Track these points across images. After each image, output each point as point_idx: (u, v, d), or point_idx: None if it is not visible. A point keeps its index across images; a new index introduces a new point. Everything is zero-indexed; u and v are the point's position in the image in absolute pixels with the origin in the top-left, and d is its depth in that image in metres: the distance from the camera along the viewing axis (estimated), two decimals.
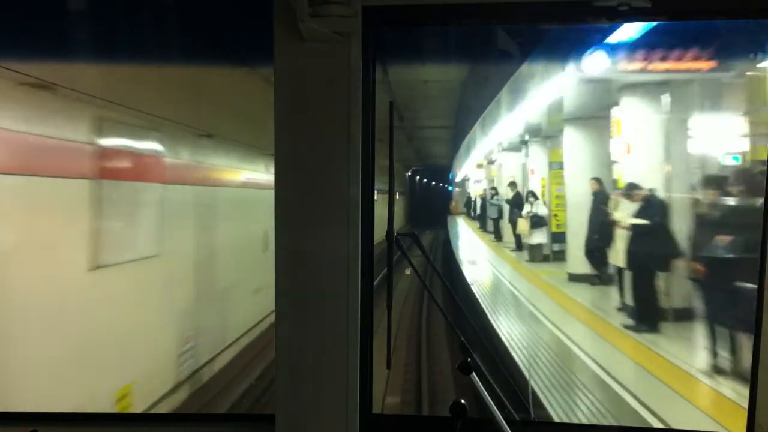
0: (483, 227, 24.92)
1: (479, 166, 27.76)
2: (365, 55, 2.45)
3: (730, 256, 6.51)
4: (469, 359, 2.25)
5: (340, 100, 2.42)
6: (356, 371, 2.47)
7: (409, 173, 43.41)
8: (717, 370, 6.58)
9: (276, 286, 2.49)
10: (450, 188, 45.02)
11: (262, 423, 2.61)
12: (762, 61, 7.45)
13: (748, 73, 8.06)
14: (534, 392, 6.25)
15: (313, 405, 2.49)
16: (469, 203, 34.73)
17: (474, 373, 2.24)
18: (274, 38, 2.42)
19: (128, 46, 6.39)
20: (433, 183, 47.95)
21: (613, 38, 8.01)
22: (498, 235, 20.58)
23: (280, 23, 2.39)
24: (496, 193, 21.23)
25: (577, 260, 11.49)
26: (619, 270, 9.22)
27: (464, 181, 38.21)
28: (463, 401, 2.22)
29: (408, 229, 28.55)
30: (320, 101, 2.44)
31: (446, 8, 2.50)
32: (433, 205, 42.77)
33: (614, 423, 6.00)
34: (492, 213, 21.30)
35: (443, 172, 42.93)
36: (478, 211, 28.53)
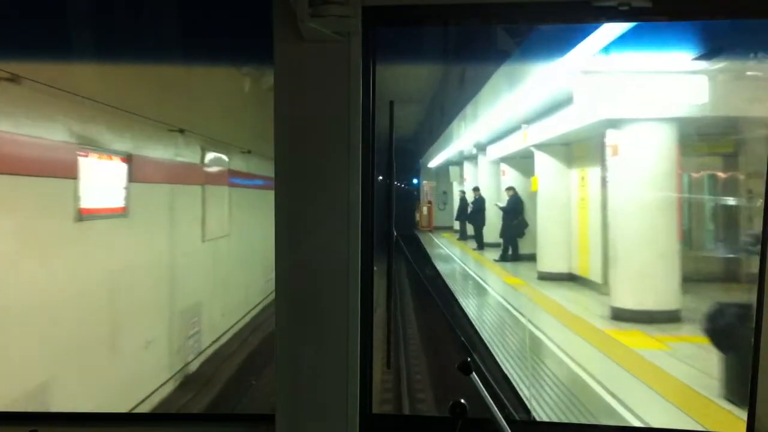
0: None
1: None
2: (365, 55, 2.45)
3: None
4: (469, 359, 2.25)
5: (340, 100, 2.42)
6: (356, 371, 2.47)
7: None
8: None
9: (276, 286, 2.49)
10: (416, 183, 27.03)
11: (262, 423, 2.61)
12: None
13: None
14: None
15: (313, 405, 2.48)
16: (478, 211, 17.27)
17: (474, 373, 2.24)
18: (274, 38, 2.42)
19: (127, 46, 6.39)
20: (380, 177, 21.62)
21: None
22: None
23: (280, 23, 2.39)
24: None
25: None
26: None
27: (449, 166, 22.47)
28: (463, 401, 2.22)
29: None
30: (320, 101, 2.44)
31: (446, 8, 2.50)
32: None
33: None
34: None
35: (405, 159, 24.41)
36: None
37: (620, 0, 2.31)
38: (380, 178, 2.57)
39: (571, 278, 11.20)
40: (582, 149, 11.05)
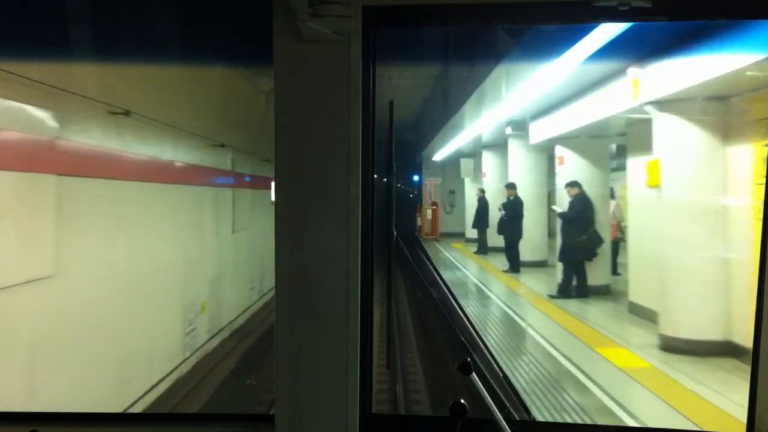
0: None
1: None
2: (365, 55, 2.45)
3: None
4: (468, 359, 2.25)
5: (340, 100, 2.42)
6: (356, 371, 2.47)
7: None
8: None
9: (276, 286, 2.49)
10: (417, 180, 21.76)
11: (262, 423, 2.61)
12: None
13: None
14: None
15: (313, 405, 2.48)
16: (512, 218, 12.54)
17: (474, 373, 2.24)
18: (274, 38, 2.42)
19: (127, 46, 6.39)
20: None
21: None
22: None
23: (279, 23, 2.39)
24: None
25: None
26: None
27: (460, 158, 17.21)
28: (463, 401, 2.22)
29: None
30: (320, 101, 2.44)
31: (446, 8, 2.51)
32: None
33: None
34: None
35: (404, 152, 19.14)
36: None
37: (620, 0, 2.31)
38: (375, 176, 2.56)
39: (731, 351, 6.14)
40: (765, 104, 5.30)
